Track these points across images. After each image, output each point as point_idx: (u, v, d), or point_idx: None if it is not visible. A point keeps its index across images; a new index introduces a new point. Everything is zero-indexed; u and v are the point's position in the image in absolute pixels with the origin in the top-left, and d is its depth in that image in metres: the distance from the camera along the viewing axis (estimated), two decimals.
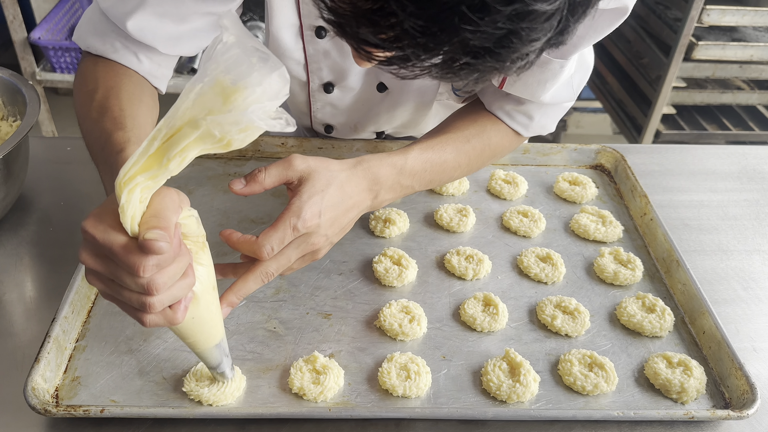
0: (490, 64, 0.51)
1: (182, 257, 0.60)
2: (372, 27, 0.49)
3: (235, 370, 0.76)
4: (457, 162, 0.94)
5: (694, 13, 2.32)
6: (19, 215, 1.03)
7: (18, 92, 1.04)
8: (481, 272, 0.94)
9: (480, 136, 0.97)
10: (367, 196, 0.84)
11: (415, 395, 0.77)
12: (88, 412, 0.71)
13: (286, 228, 0.74)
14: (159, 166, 0.55)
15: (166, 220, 0.57)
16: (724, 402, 0.79)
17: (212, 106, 0.53)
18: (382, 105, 1.08)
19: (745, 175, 1.24)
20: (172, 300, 0.61)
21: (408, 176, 0.88)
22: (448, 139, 0.94)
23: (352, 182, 0.81)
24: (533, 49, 0.51)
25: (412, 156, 0.89)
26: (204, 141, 0.54)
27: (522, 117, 0.98)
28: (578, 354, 0.82)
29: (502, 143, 1.00)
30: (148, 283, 0.57)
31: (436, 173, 0.92)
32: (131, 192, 0.55)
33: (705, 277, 0.98)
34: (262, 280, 0.76)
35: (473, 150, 0.96)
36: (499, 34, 0.47)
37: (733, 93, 2.64)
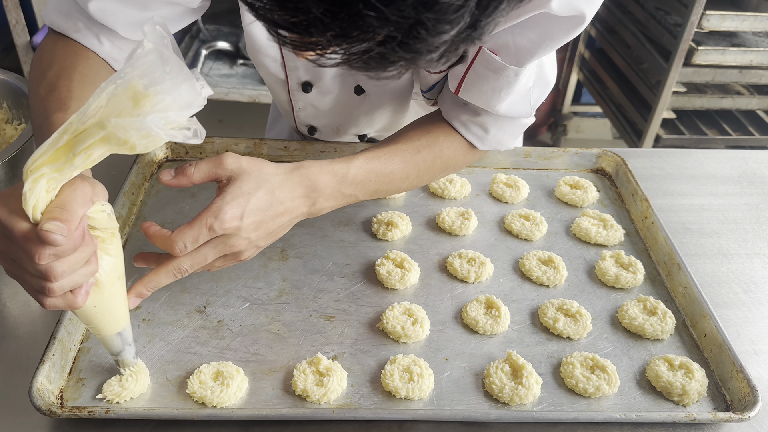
0: (401, 55, 0.51)
1: (85, 247, 0.61)
2: (282, 10, 0.49)
3: (138, 361, 0.76)
4: (405, 173, 0.92)
5: (694, 19, 2.33)
6: None
7: (23, 95, 1.05)
8: (483, 275, 0.95)
9: (431, 147, 0.94)
10: (302, 202, 0.81)
11: (418, 397, 0.77)
12: (93, 413, 0.72)
13: (202, 227, 0.73)
14: (65, 160, 0.56)
15: (69, 213, 0.58)
16: (725, 404, 0.79)
17: (122, 109, 0.55)
18: (360, 108, 1.09)
19: (745, 179, 1.24)
20: (73, 285, 0.62)
21: (350, 185, 0.86)
22: (397, 149, 0.92)
23: (285, 187, 0.79)
24: (442, 41, 0.50)
25: (356, 165, 0.86)
26: (109, 142, 0.55)
27: (477, 129, 0.96)
28: (580, 356, 0.82)
29: (455, 155, 0.98)
30: (46, 270, 0.58)
31: (382, 183, 0.90)
32: (36, 181, 0.56)
33: (706, 280, 0.99)
34: (174, 275, 0.75)
35: (423, 161, 0.94)
36: (406, 24, 0.47)
37: (732, 98, 2.65)
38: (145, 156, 1.12)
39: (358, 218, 1.05)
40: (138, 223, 1.02)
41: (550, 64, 0.93)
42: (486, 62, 0.86)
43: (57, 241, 0.56)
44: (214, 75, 2.64)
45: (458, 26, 0.49)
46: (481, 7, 0.49)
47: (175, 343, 0.83)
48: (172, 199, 1.07)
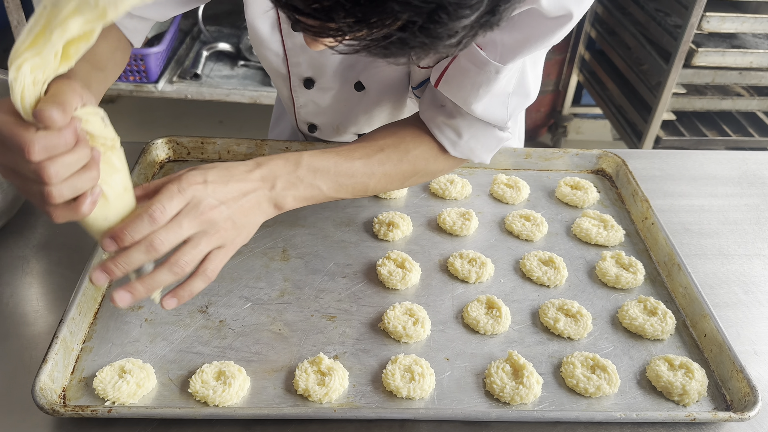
0: (421, 39, 0.52)
1: (81, 149, 0.61)
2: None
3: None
4: (368, 169, 0.90)
5: (694, 20, 2.34)
6: (26, 218, 1.04)
7: None
8: (484, 275, 0.95)
9: (396, 146, 0.94)
10: (261, 184, 0.81)
11: (419, 396, 0.78)
12: (96, 412, 0.72)
13: (172, 190, 0.72)
14: (45, 39, 0.56)
15: (60, 99, 0.58)
16: (725, 404, 0.80)
17: None
18: (360, 105, 1.09)
19: (745, 180, 1.25)
20: (74, 192, 0.62)
21: (308, 172, 0.85)
22: (358, 146, 0.92)
23: (239, 167, 0.80)
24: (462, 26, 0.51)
25: (309, 153, 0.87)
26: (81, 11, 0.55)
27: (451, 132, 0.95)
28: (581, 356, 0.82)
29: (424, 156, 0.96)
30: (38, 169, 0.58)
31: (345, 177, 0.89)
32: (18, 68, 0.57)
33: (706, 280, 0.99)
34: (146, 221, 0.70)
35: (388, 159, 0.92)
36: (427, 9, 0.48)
37: (732, 99, 2.65)
38: (147, 157, 1.12)
39: (360, 219, 1.06)
40: None
41: (534, 76, 0.92)
42: (470, 55, 0.86)
43: (52, 117, 0.56)
44: (215, 76, 2.64)
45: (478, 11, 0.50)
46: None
47: (177, 342, 0.83)
48: None
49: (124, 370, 0.77)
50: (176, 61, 2.66)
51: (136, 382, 0.75)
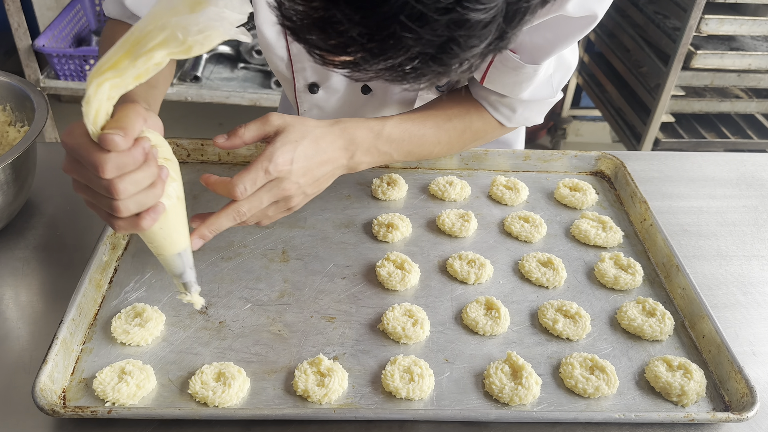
0: (434, 69, 0.54)
1: (148, 167, 0.66)
2: (321, 33, 0.52)
3: (198, 288, 0.80)
4: (436, 138, 0.97)
5: (693, 23, 2.35)
6: (27, 220, 1.05)
7: (26, 98, 1.05)
8: (483, 276, 0.95)
9: (462, 117, 1.00)
10: (342, 154, 0.87)
11: (419, 397, 0.78)
12: (96, 413, 0.72)
13: (258, 170, 0.78)
14: (129, 62, 0.60)
15: (125, 124, 0.63)
16: (724, 405, 0.80)
17: (181, 15, 0.59)
18: (367, 107, 1.10)
19: (743, 181, 1.25)
20: (139, 207, 0.67)
21: (385, 142, 0.92)
22: (429, 114, 0.97)
23: (327, 138, 0.85)
24: (473, 54, 0.53)
25: (391, 123, 0.93)
26: (168, 44, 0.60)
27: (505, 109, 1.02)
28: (579, 357, 0.83)
29: (484, 128, 1.04)
30: (109, 186, 0.63)
31: (415, 145, 0.96)
32: (99, 86, 0.61)
33: (704, 282, 0.99)
34: (234, 218, 0.80)
35: (454, 129, 1.00)
36: (439, 42, 0.50)
37: (731, 101, 2.66)
38: None
39: (359, 220, 1.06)
40: None
41: (570, 50, 0.97)
42: (505, 60, 0.91)
43: (116, 142, 0.61)
44: (214, 78, 2.65)
45: (487, 40, 0.52)
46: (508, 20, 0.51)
47: (177, 343, 0.83)
48: None
49: (124, 372, 0.77)
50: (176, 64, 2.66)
51: (136, 383, 0.76)
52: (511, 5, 0.50)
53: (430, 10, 0.48)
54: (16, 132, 1.08)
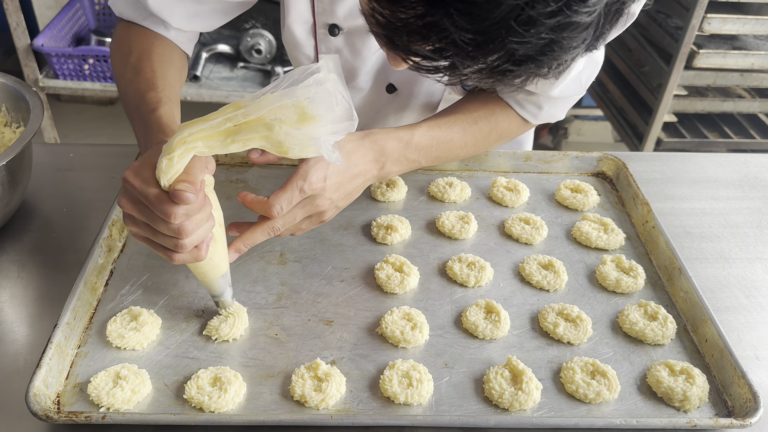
0: (532, 71, 0.55)
1: (207, 206, 0.72)
2: (422, 40, 0.52)
3: (235, 302, 0.86)
4: (463, 141, 0.98)
5: (695, 22, 2.33)
6: (22, 222, 1.04)
7: (22, 99, 1.04)
8: (482, 279, 0.94)
9: (488, 119, 1.00)
10: (373, 166, 0.89)
11: (417, 403, 0.77)
12: (90, 418, 0.71)
13: (294, 189, 0.80)
14: (221, 142, 0.68)
15: (193, 176, 0.68)
16: (726, 410, 0.79)
17: (285, 118, 0.67)
18: (390, 107, 1.09)
19: (746, 183, 1.24)
20: (199, 241, 0.73)
21: (414, 151, 0.93)
22: (456, 119, 0.98)
23: (358, 152, 0.86)
24: (573, 56, 0.54)
25: (419, 132, 0.94)
26: (268, 140, 0.67)
27: (532, 107, 1.02)
28: (580, 362, 0.82)
29: (510, 128, 1.04)
30: (179, 228, 0.69)
31: (443, 150, 0.97)
32: (188, 151, 0.67)
33: (707, 285, 0.98)
34: (268, 233, 0.83)
35: (480, 132, 1.00)
36: (541, 44, 0.51)
37: (734, 101, 2.64)
38: None
39: (358, 222, 1.05)
40: None
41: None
42: None
43: (189, 199, 0.67)
44: (214, 78, 2.64)
45: (587, 41, 0.53)
46: (606, 20, 0.52)
47: (173, 347, 0.82)
48: None
49: (119, 376, 0.76)
50: None
51: (131, 388, 0.75)
52: (609, 5, 0.51)
53: (539, 15, 0.48)
54: (12, 133, 1.07)
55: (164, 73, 0.90)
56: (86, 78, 2.49)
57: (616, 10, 0.53)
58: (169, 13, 0.94)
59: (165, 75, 0.90)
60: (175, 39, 0.98)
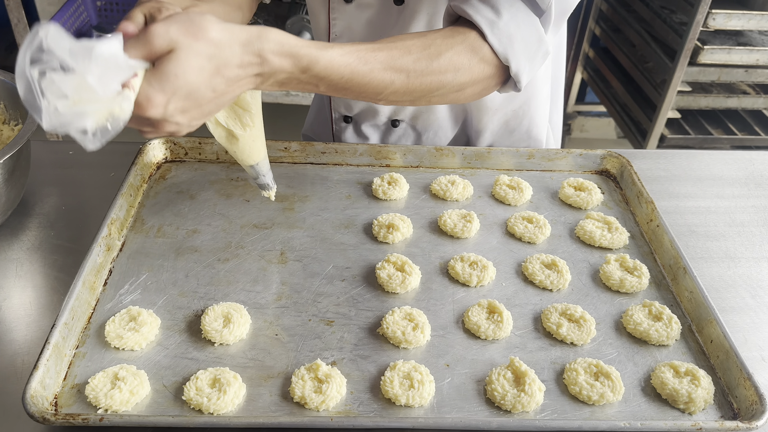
0: None
1: None
2: None
3: (274, 186, 0.97)
4: (389, 78, 0.80)
5: (700, 17, 2.31)
6: (20, 220, 1.03)
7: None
8: (485, 279, 0.93)
9: (426, 48, 0.82)
10: (249, 81, 0.72)
11: (419, 404, 0.76)
12: (87, 420, 0.70)
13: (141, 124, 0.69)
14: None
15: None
16: (732, 413, 0.78)
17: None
18: (397, 24, 1.06)
19: (752, 180, 1.22)
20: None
21: (313, 77, 0.76)
22: (383, 46, 0.80)
23: (236, 60, 0.69)
24: None
25: (329, 57, 0.75)
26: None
27: (488, 10, 0.84)
28: (584, 363, 0.80)
29: (454, 62, 0.83)
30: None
31: (357, 85, 0.79)
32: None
33: (712, 284, 0.97)
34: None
35: (413, 65, 0.81)
36: None
37: (738, 97, 2.62)
38: (143, 158, 1.10)
39: (359, 220, 1.04)
40: (136, 225, 1.00)
41: None
42: None
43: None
44: None
45: None
46: None
47: (172, 347, 0.82)
48: (170, 201, 1.06)
49: (118, 377, 0.75)
50: None
51: (129, 390, 0.74)
52: None
53: None
54: (10, 130, 1.06)
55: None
56: None
57: None
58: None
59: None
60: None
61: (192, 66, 0.66)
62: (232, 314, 0.83)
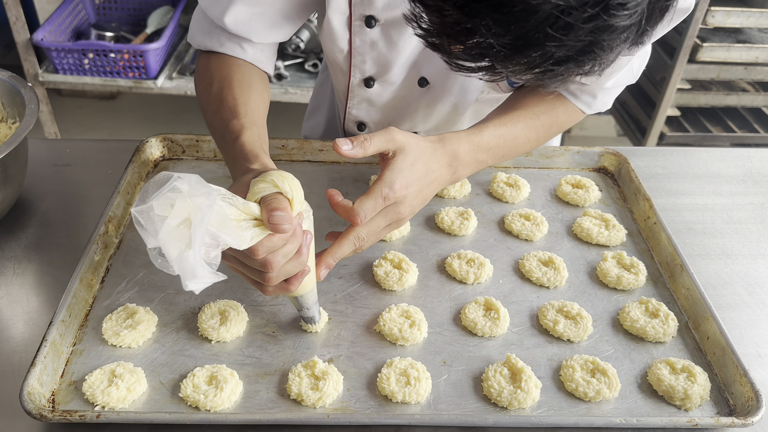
0: (572, 70, 0.55)
1: (295, 239, 0.71)
2: (460, 44, 0.54)
3: (322, 321, 0.85)
4: (527, 137, 0.99)
5: (699, 15, 2.31)
6: (18, 217, 1.03)
7: (17, 94, 1.03)
8: (482, 276, 0.93)
9: (549, 113, 1.02)
10: (447, 171, 0.89)
11: (415, 401, 0.76)
12: (84, 417, 0.71)
13: (378, 197, 0.80)
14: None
15: (284, 207, 0.68)
16: (728, 409, 0.78)
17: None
18: (421, 101, 1.08)
19: (750, 178, 1.22)
20: (287, 275, 0.73)
21: (484, 152, 0.94)
22: (519, 115, 0.98)
23: (435, 158, 0.87)
24: (616, 54, 0.54)
25: (488, 132, 0.94)
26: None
27: (586, 96, 1.03)
28: (580, 360, 0.81)
29: (568, 120, 1.05)
30: (264, 262, 0.69)
31: (509, 148, 0.98)
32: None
33: (709, 281, 0.97)
34: (354, 243, 0.82)
35: (542, 126, 1.01)
36: (580, 46, 0.51)
37: (737, 95, 2.62)
38: (141, 155, 1.10)
39: None
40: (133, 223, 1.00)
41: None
42: None
43: (285, 229, 0.67)
44: None
45: (629, 40, 0.53)
46: (648, 19, 0.52)
47: (169, 345, 0.82)
48: None
49: (115, 374, 0.75)
50: (176, 57, 2.64)
51: (127, 387, 0.74)
52: (652, 4, 0.51)
53: (575, 20, 0.48)
54: (7, 129, 1.06)
55: (246, 99, 0.91)
56: (86, 72, 2.48)
57: (661, 8, 0.52)
58: (248, 29, 0.95)
59: (247, 101, 0.90)
60: (253, 60, 0.98)
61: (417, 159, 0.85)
62: (228, 312, 0.84)
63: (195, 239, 0.60)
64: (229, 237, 0.64)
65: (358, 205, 0.79)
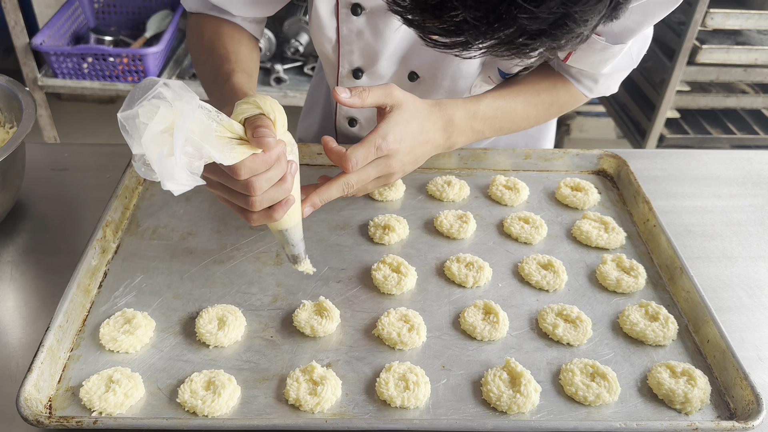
0: (548, 44, 0.55)
1: (279, 165, 0.71)
2: (435, 19, 0.54)
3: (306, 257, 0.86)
4: (525, 113, 1.01)
5: (698, 17, 2.31)
6: (15, 222, 1.03)
7: (14, 98, 1.03)
8: (481, 280, 0.93)
9: (550, 91, 1.03)
10: (441, 135, 0.91)
11: (414, 406, 0.76)
12: (81, 423, 0.70)
13: (371, 146, 0.82)
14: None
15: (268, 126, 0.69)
16: (728, 413, 0.77)
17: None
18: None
19: (749, 180, 1.22)
20: (271, 201, 0.74)
21: (480, 121, 0.95)
22: (519, 90, 1.00)
23: (431, 119, 0.89)
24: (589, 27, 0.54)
25: (485, 102, 0.96)
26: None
27: (588, 81, 1.04)
28: (580, 363, 0.80)
29: (570, 101, 1.07)
30: (247, 184, 0.70)
31: (506, 121, 0.99)
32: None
33: (709, 284, 0.97)
34: (343, 189, 0.84)
35: (542, 103, 1.03)
36: (553, 18, 0.51)
37: (737, 97, 2.62)
38: None
39: (355, 222, 1.04)
40: (131, 227, 1.00)
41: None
42: (591, 43, 0.92)
43: (269, 143, 0.67)
44: None
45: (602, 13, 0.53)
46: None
47: (166, 350, 0.81)
48: (165, 203, 1.05)
49: (112, 380, 0.75)
50: (175, 61, 2.64)
51: (124, 393, 0.74)
52: None
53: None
54: (5, 133, 1.06)
55: (236, 50, 0.93)
56: (85, 77, 2.48)
57: None
58: (228, 3, 0.98)
59: (237, 51, 0.93)
60: (242, 24, 1.02)
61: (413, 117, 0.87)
62: (226, 316, 0.83)
63: (176, 142, 0.60)
64: (213, 149, 0.65)
65: (351, 151, 0.82)
